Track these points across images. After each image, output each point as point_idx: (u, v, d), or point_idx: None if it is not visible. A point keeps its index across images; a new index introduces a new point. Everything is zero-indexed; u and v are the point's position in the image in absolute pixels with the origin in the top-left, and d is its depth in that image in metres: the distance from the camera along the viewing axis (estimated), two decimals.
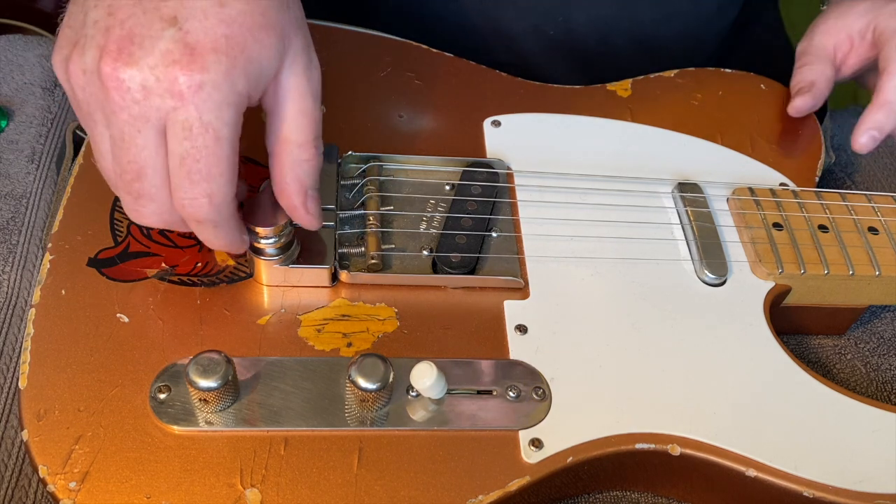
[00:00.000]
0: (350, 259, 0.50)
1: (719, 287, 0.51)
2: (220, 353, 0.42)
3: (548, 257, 0.51)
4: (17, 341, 0.53)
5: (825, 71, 0.61)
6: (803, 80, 0.61)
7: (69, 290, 0.46)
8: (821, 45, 0.62)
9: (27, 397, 0.43)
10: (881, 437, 0.46)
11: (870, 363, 0.56)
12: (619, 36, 0.70)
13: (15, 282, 0.55)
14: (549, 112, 0.60)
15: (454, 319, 0.48)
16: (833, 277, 0.52)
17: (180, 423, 0.42)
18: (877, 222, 0.55)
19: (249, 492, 0.41)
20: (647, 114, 0.61)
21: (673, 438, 0.45)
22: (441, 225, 0.52)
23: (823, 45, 0.62)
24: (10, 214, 0.59)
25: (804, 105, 0.60)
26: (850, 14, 0.61)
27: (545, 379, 0.46)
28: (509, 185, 0.55)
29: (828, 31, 0.62)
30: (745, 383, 0.47)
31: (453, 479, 0.42)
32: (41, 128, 0.64)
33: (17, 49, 0.69)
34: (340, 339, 0.47)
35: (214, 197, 0.40)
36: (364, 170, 0.54)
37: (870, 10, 0.60)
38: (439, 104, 0.60)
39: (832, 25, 0.62)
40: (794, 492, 0.44)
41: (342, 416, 0.43)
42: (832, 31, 0.62)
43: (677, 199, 0.55)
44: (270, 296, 0.48)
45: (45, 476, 0.40)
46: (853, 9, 0.61)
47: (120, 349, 0.45)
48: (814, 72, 0.61)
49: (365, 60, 0.61)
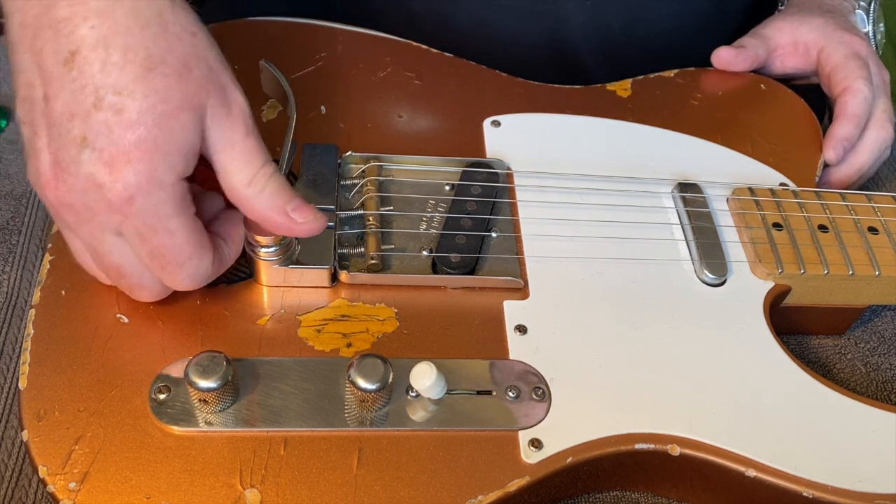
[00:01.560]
0: (350, 259, 0.50)
1: (719, 287, 0.51)
2: (219, 354, 0.42)
3: (548, 257, 0.51)
4: (17, 341, 0.53)
5: (761, 52, 0.65)
6: (739, 42, 0.66)
7: (69, 290, 0.46)
8: (768, 36, 0.66)
9: (27, 397, 0.43)
10: (881, 437, 0.46)
11: (870, 363, 0.56)
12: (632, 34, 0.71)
13: (15, 282, 0.55)
14: (549, 112, 0.60)
15: (454, 320, 0.48)
16: (833, 277, 0.52)
17: (180, 424, 0.42)
18: (877, 222, 0.55)
19: (249, 492, 0.41)
20: (647, 114, 0.61)
21: (673, 438, 0.45)
22: (441, 225, 0.52)
23: (771, 36, 0.66)
24: (10, 214, 0.59)
25: (727, 55, 0.64)
26: (803, 25, 0.65)
27: (545, 379, 0.46)
28: (509, 186, 0.55)
29: (779, 30, 0.66)
30: (744, 383, 0.47)
31: (453, 480, 0.42)
32: None
33: None
34: (340, 340, 0.47)
35: (196, 274, 0.43)
36: (364, 170, 0.54)
37: (820, 31, 0.65)
38: (439, 104, 0.60)
39: (784, 27, 0.66)
40: (793, 492, 0.44)
41: (342, 416, 0.43)
42: (783, 31, 0.66)
43: (677, 199, 0.55)
44: (270, 296, 0.48)
45: (44, 476, 0.40)
46: (807, 21, 0.65)
47: (120, 350, 0.45)
48: (752, 44, 0.65)
49: (365, 60, 0.61)
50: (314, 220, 0.44)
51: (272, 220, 0.43)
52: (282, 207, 0.42)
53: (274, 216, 0.43)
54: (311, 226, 0.44)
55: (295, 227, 0.43)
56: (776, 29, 0.66)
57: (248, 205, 0.42)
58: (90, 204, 0.39)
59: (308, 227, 0.44)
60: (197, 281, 0.43)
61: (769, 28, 0.67)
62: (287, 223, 0.43)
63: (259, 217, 0.43)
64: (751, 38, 0.66)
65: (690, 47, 0.68)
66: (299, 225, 0.43)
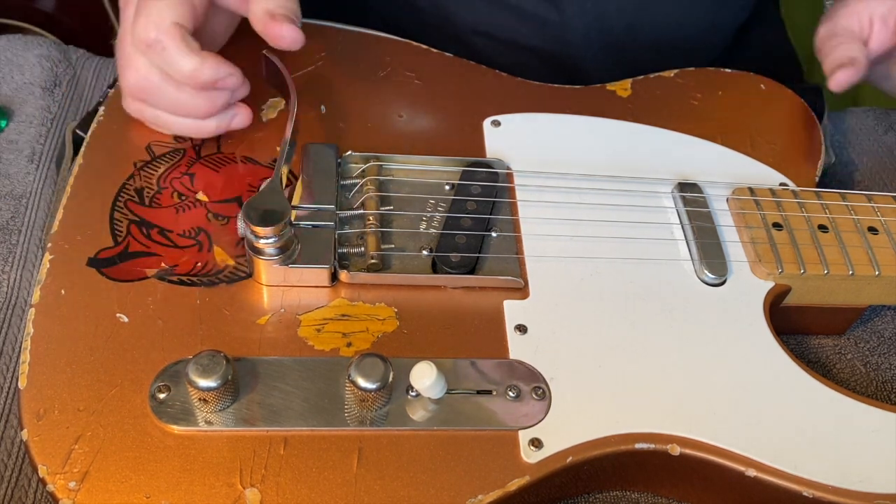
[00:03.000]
0: (350, 259, 0.50)
1: (719, 287, 0.51)
2: (219, 353, 0.42)
3: (547, 257, 0.51)
4: (17, 341, 0.53)
5: (861, 49, 0.58)
6: (842, 55, 0.58)
7: (69, 289, 0.46)
8: (846, 27, 0.60)
9: (27, 397, 0.43)
10: (881, 437, 0.46)
11: (870, 363, 0.56)
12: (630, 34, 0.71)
13: (15, 282, 0.55)
14: (549, 112, 0.60)
15: (454, 319, 0.48)
16: (833, 277, 0.52)
17: (180, 423, 0.42)
18: (877, 222, 0.55)
19: (249, 491, 0.41)
20: (647, 114, 0.61)
21: (673, 438, 0.45)
22: (441, 225, 0.52)
23: (849, 26, 0.60)
24: (10, 214, 0.59)
25: (847, 78, 0.57)
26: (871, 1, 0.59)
27: (545, 379, 0.46)
28: (509, 185, 0.55)
29: (850, 14, 0.60)
30: (744, 383, 0.47)
31: (453, 479, 0.42)
32: (41, 128, 0.64)
33: (17, 49, 0.69)
34: (340, 339, 0.46)
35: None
36: (364, 170, 0.54)
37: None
38: (439, 104, 0.60)
39: (853, 8, 0.60)
40: (793, 492, 0.44)
41: (342, 415, 0.43)
42: (854, 13, 0.60)
43: (677, 199, 0.55)
44: (270, 296, 0.48)
45: (44, 476, 0.40)
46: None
47: (119, 349, 0.45)
48: (852, 49, 0.58)
49: (365, 60, 0.61)
50: (291, 32, 0.50)
51: (258, 20, 0.50)
52: (270, 11, 0.50)
53: (261, 16, 0.50)
54: (286, 33, 0.50)
55: (271, 29, 0.50)
56: (846, 16, 0.60)
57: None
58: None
59: (281, 32, 0.50)
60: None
61: (841, 18, 0.60)
62: (269, 21, 0.50)
63: (253, 17, 0.50)
64: (838, 40, 0.59)
65: (693, 44, 0.68)
66: (277, 26, 0.49)
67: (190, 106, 0.51)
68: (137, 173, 0.52)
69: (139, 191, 0.52)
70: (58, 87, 0.67)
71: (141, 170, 0.53)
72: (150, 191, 0.52)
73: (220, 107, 0.52)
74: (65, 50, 0.71)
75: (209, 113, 0.52)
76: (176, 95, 0.51)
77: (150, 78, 0.50)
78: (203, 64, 0.49)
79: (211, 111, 0.52)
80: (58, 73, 0.68)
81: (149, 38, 0.48)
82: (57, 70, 0.68)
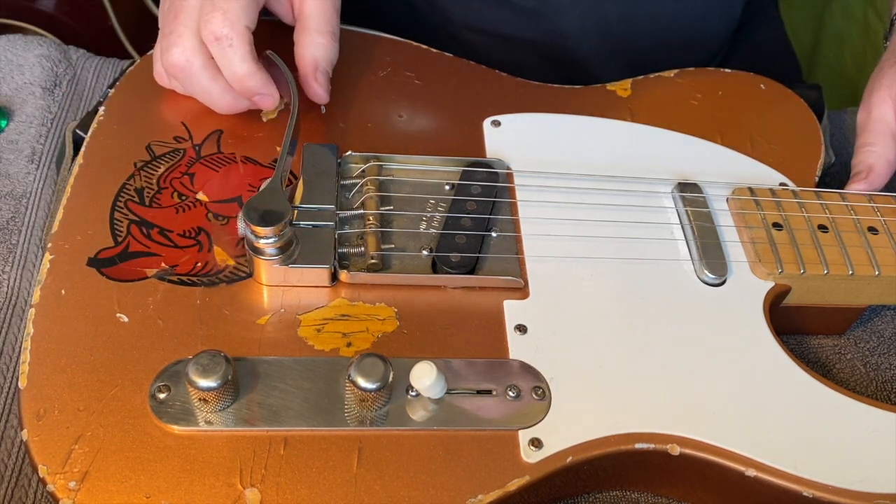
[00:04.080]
0: (350, 259, 0.50)
1: (719, 287, 0.51)
2: (219, 353, 0.42)
3: (548, 257, 0.51)
4: (17, 341, 0.53)
5: (887, 154, 0.56)
6: (861, 162, 0.57)
7: (69, 289, 0.46)
8: (880, 119, 0.57)
9: (27, 397, 0.43)
10: (881, 437, 0.46)
11: (870, 363, 0.56)
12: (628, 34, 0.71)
13: (15, 282, 0.55)
14: (548, 112, 0.60)
15: (454, 319, 0.48)
16: (833, 277, 0.52)
17: (180, 423, 0.42)
18: (877, 222, 0.55)
19: (249, 491, 0.41)
20: (647, 114, 0.61)
21: (672, 438, 0.45)
22: (441, 225, 0.52)
23: (884, 117, 0.56)
24: (10, 214, 0.59)
25: (859, 189, 0.57)
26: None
27: (545, 379, 0.46)
28: (509, 185, 0.55)
29: (884, 100, 0.57)
30: (744, 383, 0.47)
31: (453, 479, 0.42)
32: (41, 128, 0.64)
33: (17, 49, 0.69)
34: (340, 339, 0.47)
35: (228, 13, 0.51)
36: (364, 170, 0.54)
37: None
38: (439, 104, 0.60)
39: (888, 91, 0.56)
40: (793, 492, 0.44)
41: (342, 415, 0.43)
42: (890, 98, 0.56)
43: (677, 199, 0.55)
44: (270, 296, 0.48)
45: (44, 476, 0.40)
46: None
47: (119, 349, 0.45)
48: (873, 154, 0.56)
49: (365, 60, 0.61)
50: (324, 89, 0.56)
51: (306, 66, 0.55)
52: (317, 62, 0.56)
53: (310, 63, 0.55)
54: (320, 91, 0.56)
55: (310, 81, 0.56)
56: (881, 102, 0.57)
57: (304, 44, 0.55)
58: None
59: (317, 90, 0.56)
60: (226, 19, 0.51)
61: (875, 106, 0.57)
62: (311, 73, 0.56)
63: (300, 58, 0.55)
64: (866, 139, 0.57)
65: (690, 34, 0.67)
66: (315, 83, 0.56)
67: (216, 97, 0.54)
68: (137, 173, 0.52)
69: (139, 191, 0.52)
70: (58, 87, 0.67)
71: (141, 170, 0.53)
72: (150, 191, 0.52)
73: (239, 109, 0.55)
74: (65, 50, 0.71)
75: (229, 110, 0.55)
76: (208, 84, 0.53)
77: (193, 61, 0.52)
78: (255, 73, 0.53)
79: (230, 110, 0.55)
80: (58, 73, 0.68)
81: (222, 33, 0.51)
82: (57, 70, 0.68)
